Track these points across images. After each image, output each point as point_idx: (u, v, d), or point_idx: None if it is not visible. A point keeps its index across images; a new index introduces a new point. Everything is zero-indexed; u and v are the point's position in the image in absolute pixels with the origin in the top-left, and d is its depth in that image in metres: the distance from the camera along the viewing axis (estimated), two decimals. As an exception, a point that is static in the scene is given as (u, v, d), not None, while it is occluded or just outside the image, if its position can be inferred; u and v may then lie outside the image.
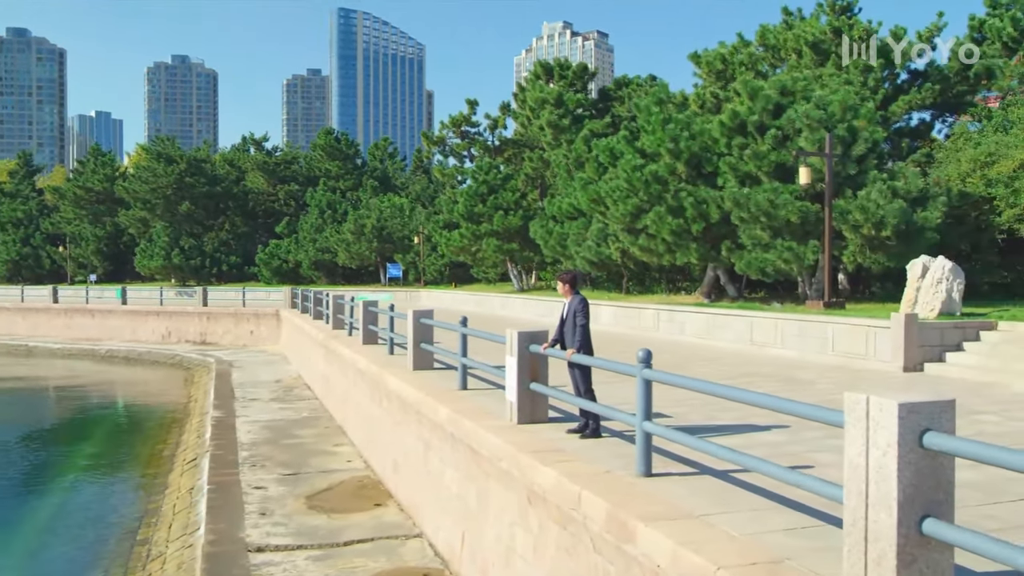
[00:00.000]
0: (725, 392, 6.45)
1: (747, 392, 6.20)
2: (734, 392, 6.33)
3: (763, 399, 5.96)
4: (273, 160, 69.95)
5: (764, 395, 5.98)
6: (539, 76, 39.02)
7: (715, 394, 6.61)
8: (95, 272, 66.78)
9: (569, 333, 9.69)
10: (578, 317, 9.61)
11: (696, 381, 6.82)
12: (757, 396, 6.06)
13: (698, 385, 6.80)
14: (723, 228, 21.23)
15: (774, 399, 5.84)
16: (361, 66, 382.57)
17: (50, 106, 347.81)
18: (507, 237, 37.03)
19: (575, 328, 9.61)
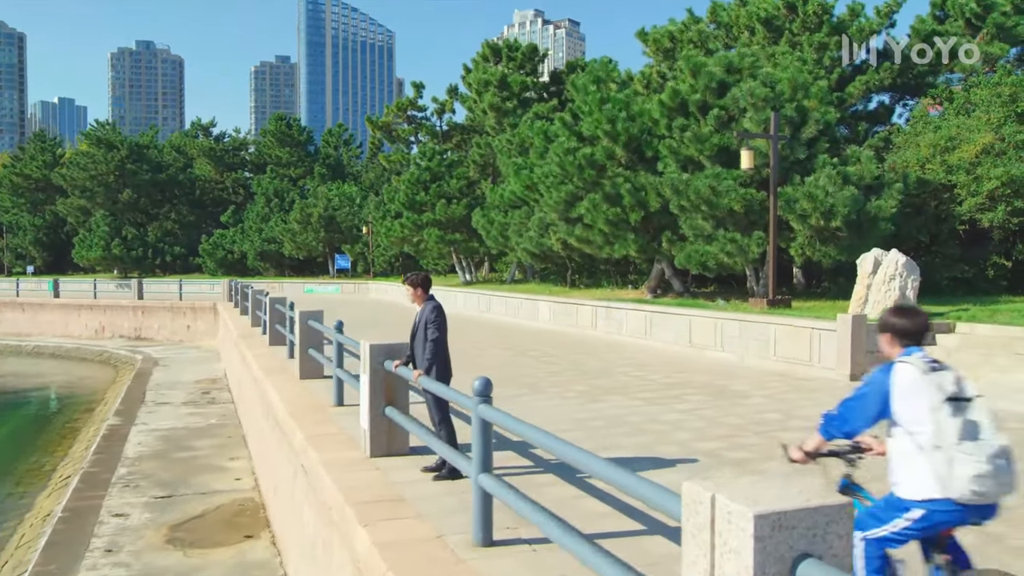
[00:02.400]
0: (559, 450, 4.57)
1: (582, 454, 4.33)
2: (568, 452, 4.45)
3: (601, 469, 4.09)
4: (221, 146, 67.19)
5: (605, 464, 4.11)
6: (487, 58, 36.95)
7: (550, 450, 4.74)
8: (33, 263, 63.83)
9: (419, 349, 7.80)
10: (429, 329, 7.71)
11: (533, 430, 4.94)
12: (595, 463, 4.19)
13: (534, 437, 4.91)
14: (664, 218, 19.43)
15: (615, 471, 3.98)
16: (330, 53, 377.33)
17: (10, 91, 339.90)
18: (451, 227, 35.03)
19: (425, 343, 7.71)
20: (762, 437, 9.17)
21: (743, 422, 10.03)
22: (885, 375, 3.76)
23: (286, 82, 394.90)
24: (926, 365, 3.65)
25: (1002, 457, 3.52)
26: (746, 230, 17.71)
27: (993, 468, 3.48)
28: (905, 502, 3.74)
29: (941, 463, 3.54)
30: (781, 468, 7.38)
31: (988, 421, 3.57)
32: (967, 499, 3.53)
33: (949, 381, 3.61)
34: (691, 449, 8.67)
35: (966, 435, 3.52)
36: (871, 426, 3.91)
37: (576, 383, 13.38)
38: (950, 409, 3.54)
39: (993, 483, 3.49)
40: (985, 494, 3.50)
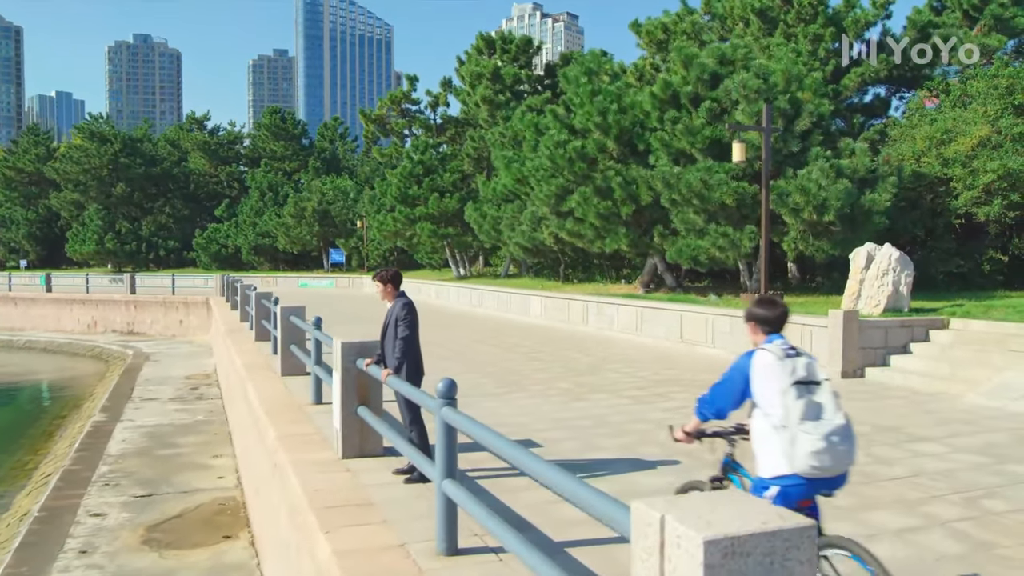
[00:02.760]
0: (514, 457, 4.29)
1: (534, 460, 4.05)
2: (522, 459, 4.16)
3: (551, 477, 3.81)
4: (215, 140, 66.74)
5: (555, 472, 3.83)
6: (481, 51, 36.57)
7: (503, 457, 4.47)
8: (26, 257, 63.47)
9: (389, 347, 7.52)
10: (399, 327, 7.43)
11: (491, 435, 4.66)
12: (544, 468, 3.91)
13: (492, 442, 4.63)
14: (655, 212, 19.14)
15: (565, 481, 3.70)
16: (328, 47, 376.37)
17: (7, 85, 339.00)
18: (444, 221, 34.71)
19: (395, 341, 7.44)
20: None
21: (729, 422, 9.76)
22: (747, 360, 4.09)
23: (284, 76, 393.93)
24: (782, 351, 3.94)
25: (837, 435, 3.79)
26: (738, 224, 17.43)
27: (827, 445, 3.76)
28: (764, 481, 3.98)
29: (787, 441, 3.82)
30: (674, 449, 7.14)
31: (831, 403, 3.87)
32: (808, 473, 3.81)
33: (801, 366, 3.90)
34: (674, 450, 8.40)
35: (808, 415, 3.81)
36: (736, 407, 4.20)
37: (562, 380, 13.12)
38: (796, 392, 3.83)
39: (828, 458, 3.77)
40: (823, 468, 3.78)
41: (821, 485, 3.92)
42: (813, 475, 3.82)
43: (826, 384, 3.92)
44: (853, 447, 3.88)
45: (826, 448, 3.75)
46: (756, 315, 4.23)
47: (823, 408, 3.85)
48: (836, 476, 3.91)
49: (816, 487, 3.92)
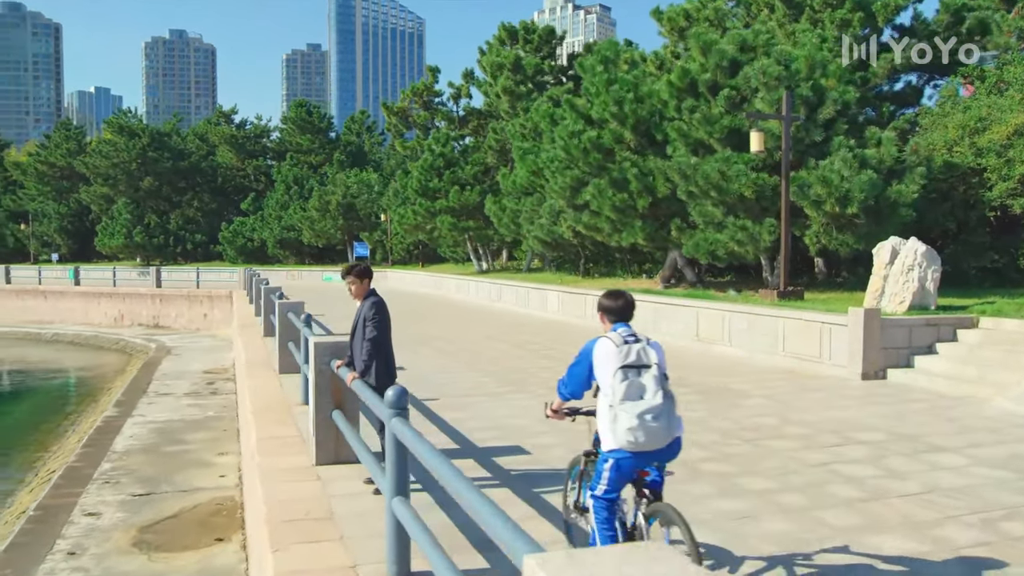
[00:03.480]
0: (442, 474, 3.78)
1: (456, 479, 3.54)
2: (448, 477, 3.65)
3: (468, 497, 3.30)
4: (242, 134, 66.93)
5: (472, 493, 3.32)
6: (503, 41, 36.02)
7: (431, 469, 3.95)
8: (58, 251, 64.19)
9: (357, 349, 7.06)
10: (367, 328, 6.96)
11: (427, 450, 4.15)
12: (464, 489, 3.40)
13: (427, 457, 4.12)
14: (673, 204, 18.49)
15: (478, 503, 3.19)
16: (360, 40, 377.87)
17: (47, 82, 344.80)
18: (465, 214, 34.24)
19: (363, 342, 6.97)
20: (751, 445, 8.32)
21: (734, 427, 9.18)
22: (591, 346, 4.52)
23: (317, 70, 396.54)
24: (622, 339, 4.38)
25: (650, 413, 4.18)
26: (758, 217, 16.73)
27: (639, 423, 4.16)
28: (604, 454, 4.38)
29: (612, 419, 4.23)
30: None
31: (652, 385, 4.24)
32: (629, 447, 4.21)
33: (634, 351, 4.30)
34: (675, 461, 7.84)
35: (629, 396, 4.20)
36: (586, 388, 4.60)
37: (567, 380, 12.57)
38: (622, 375, 4.23)
39: (643, 435, 4.17)
40: (639, 443, 4.19)
41: (647, 458, 4.33)
42: (634, 449, 4.22)
43: (654, 368, 4.28)
44: (669, 424, 4.26)
45: (639, 425, 4.16)
46: (603, 305, 4.71)
47: (645, 389, 4.22)
48: (658, 450, 4.32)
49: (642, 460, 4.33)
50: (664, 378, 4.32)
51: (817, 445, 8.30)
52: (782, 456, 7.88)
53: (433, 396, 11.41)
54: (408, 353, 16.03)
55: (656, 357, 4.34)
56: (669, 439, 4.31)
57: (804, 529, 5.84)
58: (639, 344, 4.35)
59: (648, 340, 4.45)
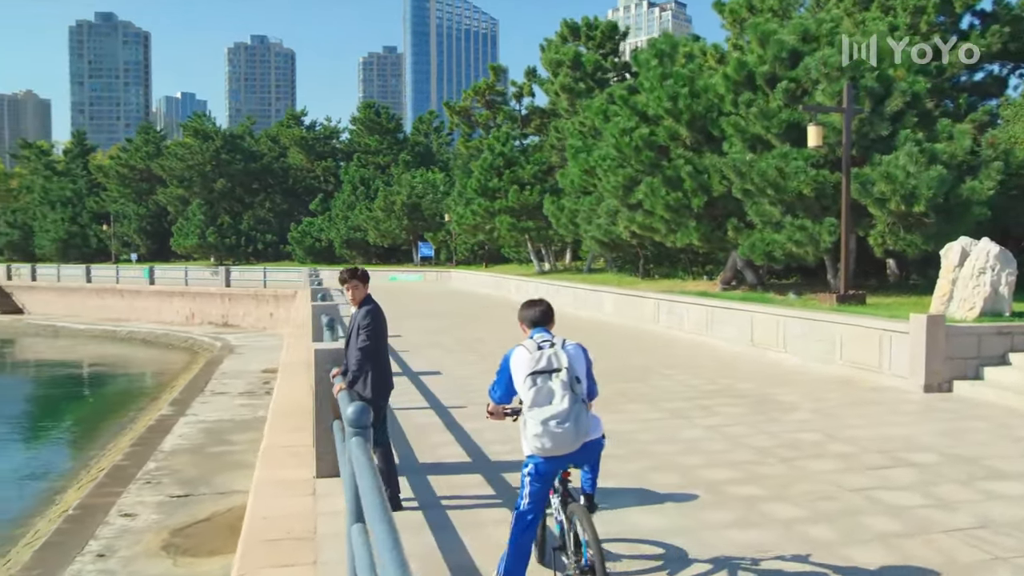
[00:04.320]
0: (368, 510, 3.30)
1: (375, 509, 3.06)
2: (373, 517, 3.16)
3: (376, 530, 2.82)
4: (312, 135, 67.90)
5: (381, 526, 2.83)
6: (565, 38, 35.40)
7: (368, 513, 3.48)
8: (137, 251, 66.20)
9: (350, 358, 6.66)
10: (360, 336, 6.54)
11: (364, 477, 3.68)
12: (376, 521, 2.91)
13: (362, 486, 3.64)
14: (729, 203, 17.66)
15: (381, 537, 2.69)
16: (434, 42, 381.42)
17: (136, 88, 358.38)
18: (524, 214, 33.76)
19: (354, 351, 6.56)
20: (787, 466, 7.61)
21: (773, 443, 8.47)
22: (508, 355, 4.51)
23: (393, 72, 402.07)
24: (536, 345, 4.38)
25: (555, 419, 4.19)
26: (817, 216, 15.79)
27: (543, 429, 4.20)
28: (525, 460, 4.44)
29: (523, 425, 4.33)
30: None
31: (560, 390, 4.23)
32: (539, 453, 4.27)
33: (545, 357, 4.30)
34: (694, 479, 7.22)
35: (536, 402, 4.24)
36: (510, 393, 4.53)
37: (605, 387, 11.95)
38: (531, 381, 4.26)
39: (548, 440, 4.21)
40: (546, 449, 4.23)
41: (560, 461, 4.34)
42: (543, 454, 4.27)
43: (563, 372, 4.25)
44: (577, 428, 4.22)
45: (543, 432, 4.19)
46: (520, 314, 4.74)
47: (552, 395, 4.22)
48: (569, 454, 4.30)
49: (556, 463, 4.34)
50: (576, 381, 4.29)
51: (860, 467, 7.55)
52: (819, 479, 7.16)
53: (461, 404, 10.98)
54: (450, 357, 15.66)
55: (567, 361, 4.31)
56: (578, 443, 4.28)
57: (825, 569, 5.17)
58: (552, 349, 4.35)
59: (565, 343, 4.42)
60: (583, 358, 4.44)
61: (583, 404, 4.27)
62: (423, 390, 12.09)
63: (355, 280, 6.91)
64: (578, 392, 4.26)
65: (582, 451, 4.34)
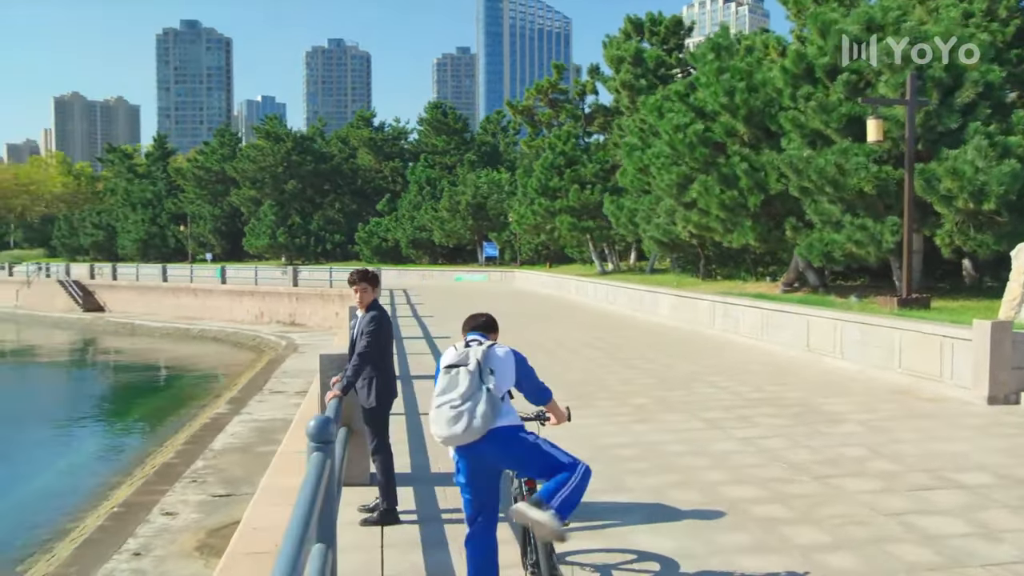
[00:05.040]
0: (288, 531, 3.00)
1: (288, 543, 2.78)
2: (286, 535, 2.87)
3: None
4: (380, 136, 68.63)
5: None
6: (629, 34, 34.77)
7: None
8: (212, 251, 67.99)
9: (350, 363, 6.43)
10: (360, 340, 6.31)
11: (301, 505, 3.40)
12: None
13: (293, 515, 3.36)
14: (788, 202, 16.92)
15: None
16: (507, 42, 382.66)
17: (219, 92, 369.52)
18: (585, 214, 33.28)
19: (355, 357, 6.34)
20: (821, 484, 7.06)
21: (810, 458, 7.90)
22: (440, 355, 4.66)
23: (467, 73, 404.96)
24: (463, 343, 4.55)
25: (446, 404, 4.31)
26: (880, 215, 14.96)
27: (435, 413, 4.34)
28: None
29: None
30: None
31: (464, 379, 4.32)
32: (440, 440, 4.34)
33: (463, 353, 4.43)
34: (716, 497, 6.75)
35: (440, 392, 4.38)
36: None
37: (643, 394, 11.51)
38: (444, 372, 4.42)
39: (435, 425, 4.33)
40: (444, 438, 4.30)
41: (465, 452, 4.34)
42: (444, 443, 4.36)
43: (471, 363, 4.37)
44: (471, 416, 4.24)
45: (435, 416, 4.35)
46: (464, 323, 4.90)
47: (456, 384, 4.33)
48: (468, 444, 4.29)
49: (467, 455, 4.35)
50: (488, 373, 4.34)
51: (902, 487, 6.95)
52: (852, 500, 6.61)
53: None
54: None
55: (484, 357, 4.38)
56: (477, 431, 4.24)
57: (837, 606, 4.68)
58: (471, 348, 4.46)
59: (492, 346, 4.50)
60: (511, 360, 4.48)
61: (488, 392, 4.28)
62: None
63: (364, 283, 6.67)
64: (486, 381, 4.31)
65: (493, 442, 4.28)
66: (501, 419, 4.34)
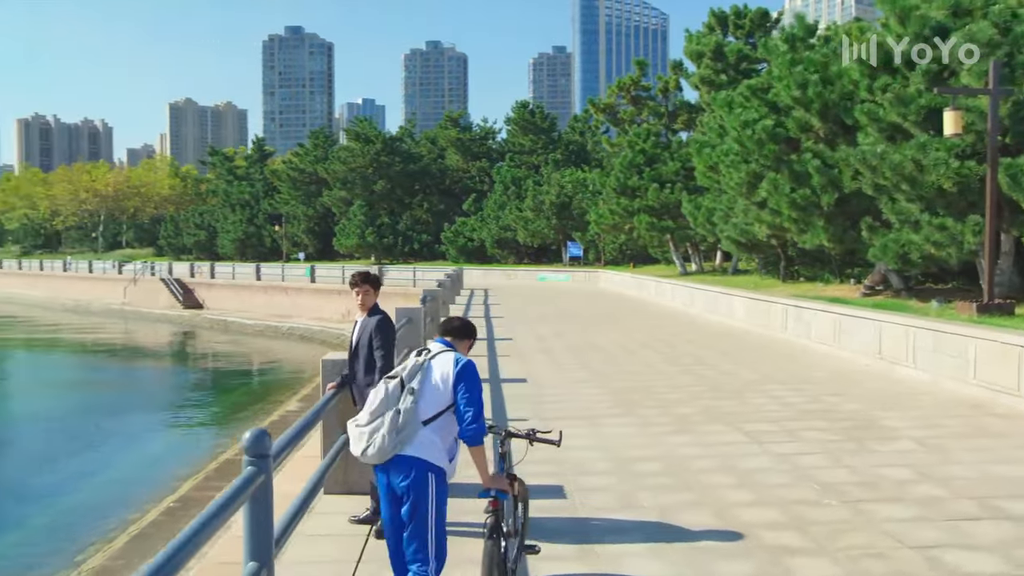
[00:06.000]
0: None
1: None
2: None
3: None
4: (468, 136, 69.07)
5: None
6: (712, 28, 33.79)
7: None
8: (305, 250, 69.78)
9: (361, 371, 6.25)
10: (376, 352, 6.14)
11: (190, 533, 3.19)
12: None
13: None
14: (864, 200, 15.96)
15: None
16: (603, 40, 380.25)
17: (320, 96, 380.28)
18: (665, 213, 32.49)
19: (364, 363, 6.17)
20: (849, 508, 6.47)
21: (847, 479, 7.29)
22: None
23: (562, 72, 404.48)
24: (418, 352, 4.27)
25: (355, 422, 4.14)
26: (962, 214, 13.91)
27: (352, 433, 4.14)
28: None
29: None
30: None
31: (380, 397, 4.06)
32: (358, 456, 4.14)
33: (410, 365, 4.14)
34: (730, 519, 6.26)
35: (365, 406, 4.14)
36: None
37: (691, 403, 10.97)
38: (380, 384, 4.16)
39: (357, 447, 4.09)
40: (356, 453, 4.12)
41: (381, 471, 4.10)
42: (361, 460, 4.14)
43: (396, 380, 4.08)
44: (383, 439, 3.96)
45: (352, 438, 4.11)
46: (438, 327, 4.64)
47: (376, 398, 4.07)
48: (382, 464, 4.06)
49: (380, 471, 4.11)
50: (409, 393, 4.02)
51: (940, 515, 6.30)
52: (880, 529, 6.02)
53: (526, 416, 10.33)
54: (549, 364, 14.97)
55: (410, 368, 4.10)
56: (385, 454, 3.98)
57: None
58: (420, 357, 4.20)
59: (436, 357, 4.15)
60: (450, 379, 4.04)
61: (396, 414, 3.97)
62: (495, 400, 11.53)
63: (367, 284, 6.50)
64: (401, 401, 3.99)
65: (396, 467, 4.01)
66: (412, 447, 3.96)
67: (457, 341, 4.35)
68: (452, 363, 4.10)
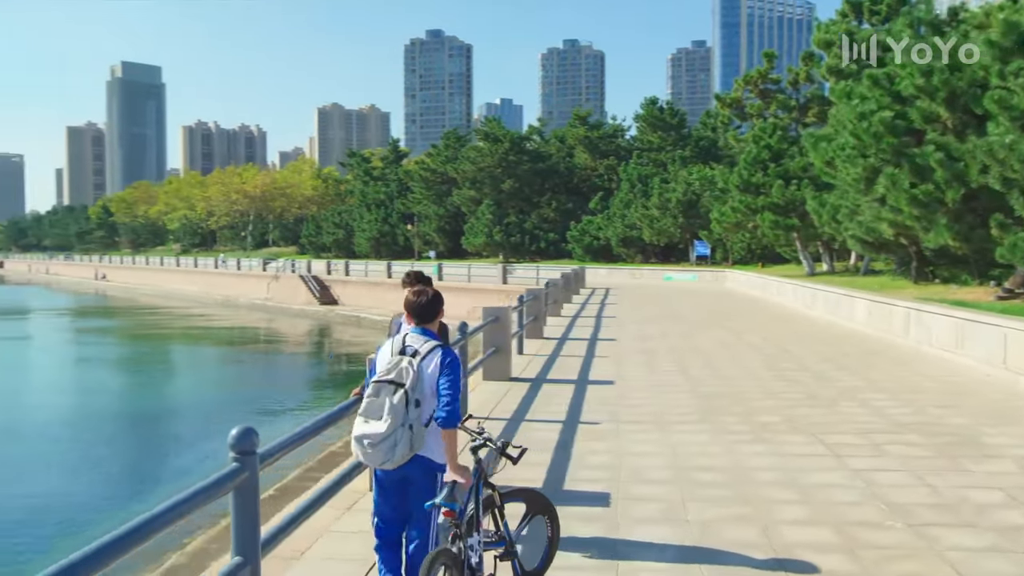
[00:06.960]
0: None
1: None
2: None
3: None
4: (596, 134, 68.59)
5: None
6: (846, 15, 32.02)
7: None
8: (436, 248, 71.31)
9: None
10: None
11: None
12: None
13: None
14: (995, 195, 14.69)
15: None
16: (744, 33, 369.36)
17: (459, 97, 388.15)
18: (791, 211, 31.09)
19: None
20: (913, 533, 5.92)
21: (924, 500, 6.68)
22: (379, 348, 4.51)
23: (701, 67, 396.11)
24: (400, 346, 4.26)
25: (367, 439, 4.07)
26: (1103, 210, 12.55)
27: (356, 443, 4.14)
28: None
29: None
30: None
31: (387, 410, 4.03)
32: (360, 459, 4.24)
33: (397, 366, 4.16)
34: (776, 540, 5.85)
35: (365, 412, 4.14)
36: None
37: (778, 411, 10.39)
38: (373, 389, 4.16)
39: (361, 455, 4.15)
40: (363, 460, 4.20)
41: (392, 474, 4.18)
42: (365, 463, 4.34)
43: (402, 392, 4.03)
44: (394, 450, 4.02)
45: (356, 445, 4.13)
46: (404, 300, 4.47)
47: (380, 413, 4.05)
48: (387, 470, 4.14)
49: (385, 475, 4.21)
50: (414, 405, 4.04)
51: (1018, 548, 5.65)
52: (940, 557, 5.46)
53: (597, 420, 10.08)
54: (644, 366, 14.56)
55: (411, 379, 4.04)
56: (399, 460, 4.05)
57: None
58: (404, 359, 4.12)
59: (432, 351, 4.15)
60: (436, 374, 4.12)
61: (406, 429, 4.02)
62: (575, 401, 11.31)
63: (420, 284, 6.46)
64: (409, 417, 4.02)
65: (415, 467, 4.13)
66: (421, 449, 4.13)
67: (431, 324, 4.38)
68: (439, 362, 4.17)
